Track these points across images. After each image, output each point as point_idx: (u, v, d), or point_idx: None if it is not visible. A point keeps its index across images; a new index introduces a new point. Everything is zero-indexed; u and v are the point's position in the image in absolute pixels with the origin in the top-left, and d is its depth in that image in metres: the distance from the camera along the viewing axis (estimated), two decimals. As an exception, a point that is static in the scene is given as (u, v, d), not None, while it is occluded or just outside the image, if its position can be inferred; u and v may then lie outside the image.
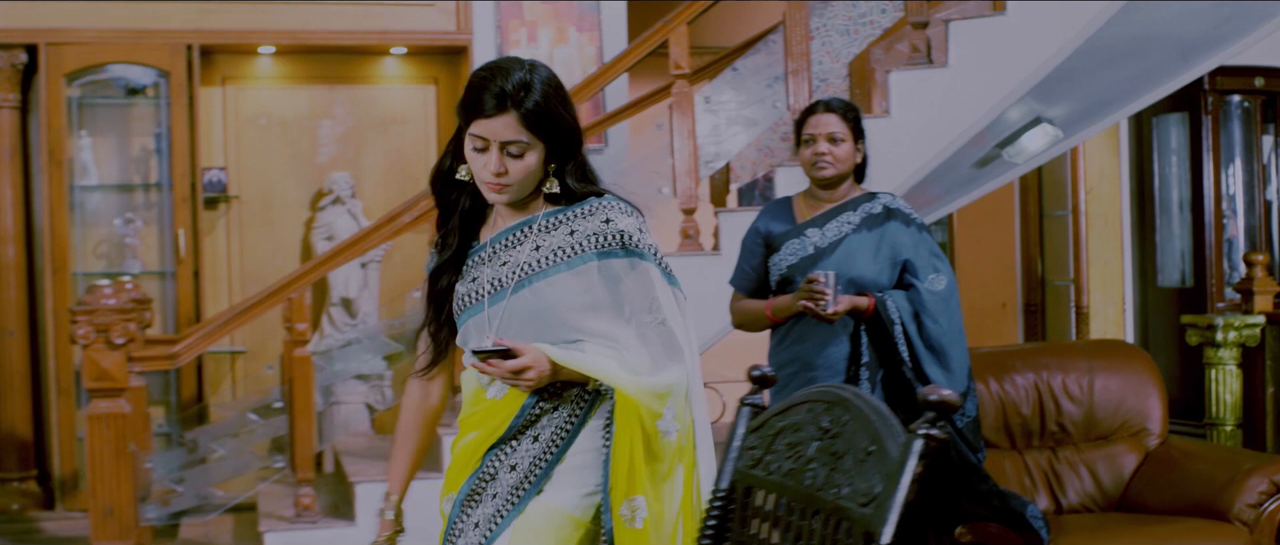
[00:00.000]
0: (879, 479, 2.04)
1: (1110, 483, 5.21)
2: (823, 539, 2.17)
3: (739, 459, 2.49)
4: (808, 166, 4.50)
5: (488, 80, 2.81)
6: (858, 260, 4.41)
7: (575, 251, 2.87)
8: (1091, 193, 8.89)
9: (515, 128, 2.78)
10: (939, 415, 2.00)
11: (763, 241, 4.60)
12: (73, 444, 7.46)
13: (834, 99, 4.56)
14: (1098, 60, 5.83)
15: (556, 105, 2.83)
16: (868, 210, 4.48)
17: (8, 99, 7.41)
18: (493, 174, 2.83)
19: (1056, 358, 5.39)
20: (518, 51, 7.79)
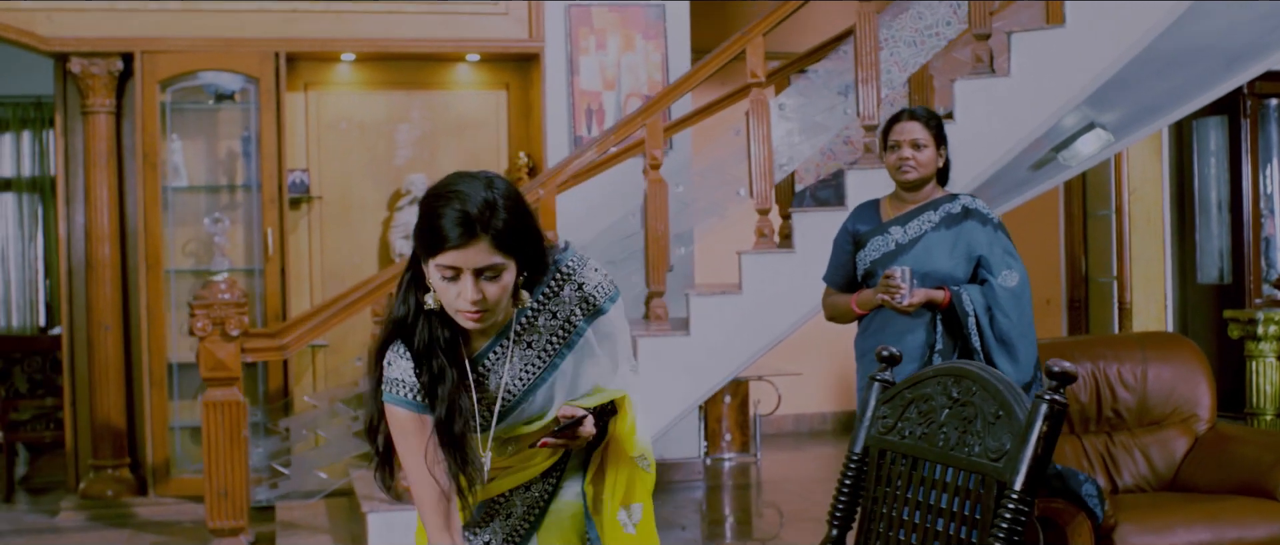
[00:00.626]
0: (1009, 438, 2.43)
1: (1163, 465, 5.55)
2: (957, 490, 2.56)
3: (872, 426, 2.86)
4: (892, 170, 4.81)
5: (447, 206, 2.62)
6: (936, 256, 4.71)
7: (566, 333, 2.83)
8: (1134, 193, 9.20)
9: (488, 252, 2.61)
10: (1061, 383, 2.38)
11: (851, 239, 4.91)
12: (164, 433, 7.84)
13: (918, 108, 4.88)
14: (1149, 69, 6.15)
15: (523, 218, 2.67)
16: (948, 210, 4.77)
17: (104, 104, 7.80)
18: (470, 303, 2.64)
19: (1112, 349, 5.73)
20: (587, 58, 8.16)
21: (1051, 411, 2.39)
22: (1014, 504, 2.38)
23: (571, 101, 8.20)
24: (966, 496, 2.56)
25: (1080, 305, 9.73)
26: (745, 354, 6.04)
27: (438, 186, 2.67)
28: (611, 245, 7.26)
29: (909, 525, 2.72)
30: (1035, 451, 2.39)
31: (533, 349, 2.81)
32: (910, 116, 4.81)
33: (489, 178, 2.67)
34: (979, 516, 2.50)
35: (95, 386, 7.84)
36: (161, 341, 7.81)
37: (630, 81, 8.24)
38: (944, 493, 2.63)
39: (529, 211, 2.71)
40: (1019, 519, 2.38)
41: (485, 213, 2.59)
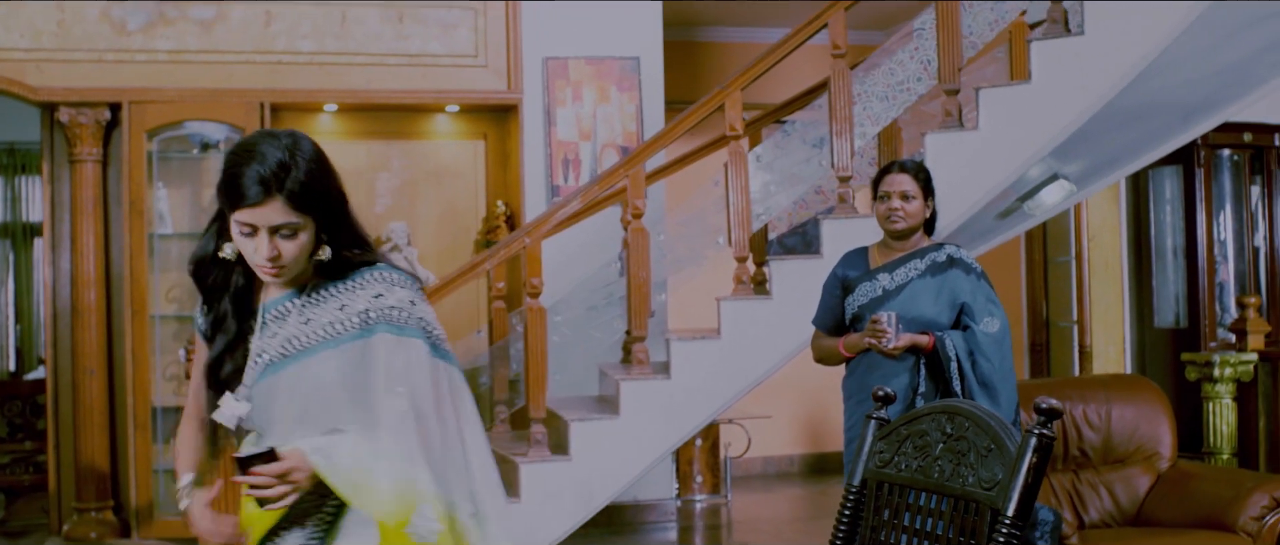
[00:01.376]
0: (1001, 469, 2.66)
1: (1127, 501, 5.79)
2: (952, 518, 2.79)
3: (869, 461, 3.08)
4: (882, 220, 5.03)
5: (245, 165, 2.67)
6: (921, 302, 4.92)
7: (343, 329, 2.79)
8: (1093, 240, 9.47)
9: (283, 211, 2.66)
10: (1048, 419, 2.61)
11: (840, 285, 5.13)
12: (148, 476, 7.95)
13: (908, 160, 5.15)
14: (1110, 123, 6.39)
15: (321, 179, 2.71)
16: (933, 259, 4.99)
17: (91, 153, 7.95)
18: (266, 259, 2.70)
19: (1078, 390, 5.97)
20: (563, 110, 8.38)
21: (1040, 444, 2.63)
22: (1006, 529, 2.62)
23: (548, 151, 8.40)
24: (961, 524, 2.78)
25: (1042, 349, 9.98)
26: (724, 397, 6.23)
27: (240, 143, 2.75)
28: (592, 292, 7.46)
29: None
30: (1025, 481, 2.62)
31: (309, 325, 2.80)
32: (901, 169, 5.05)
33: (294, 137, 2.72)
34: (973, 542, 2.72)
35: (79, 430, 7.95)
36: (146, 385, 7.93)
37: (606, 132, 8.46)
38: (939, 520, 2.85)
39: (330, 172, 2.74)
40: (1012, 541, 2.61)
41: (280, 172, 2.65)
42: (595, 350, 7.43)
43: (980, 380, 4.82)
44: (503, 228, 8.40)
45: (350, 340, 2.77)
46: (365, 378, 2.75)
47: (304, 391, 2.76)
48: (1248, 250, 9.70)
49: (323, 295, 2.82)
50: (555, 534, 6.21)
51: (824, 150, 6.88)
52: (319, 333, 2.78)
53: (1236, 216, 9.67)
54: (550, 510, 6.16)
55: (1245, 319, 7.39)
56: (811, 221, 6.76)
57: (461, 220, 8.71)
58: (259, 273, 2.76)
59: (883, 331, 4.78)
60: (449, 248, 8.67)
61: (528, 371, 6.31)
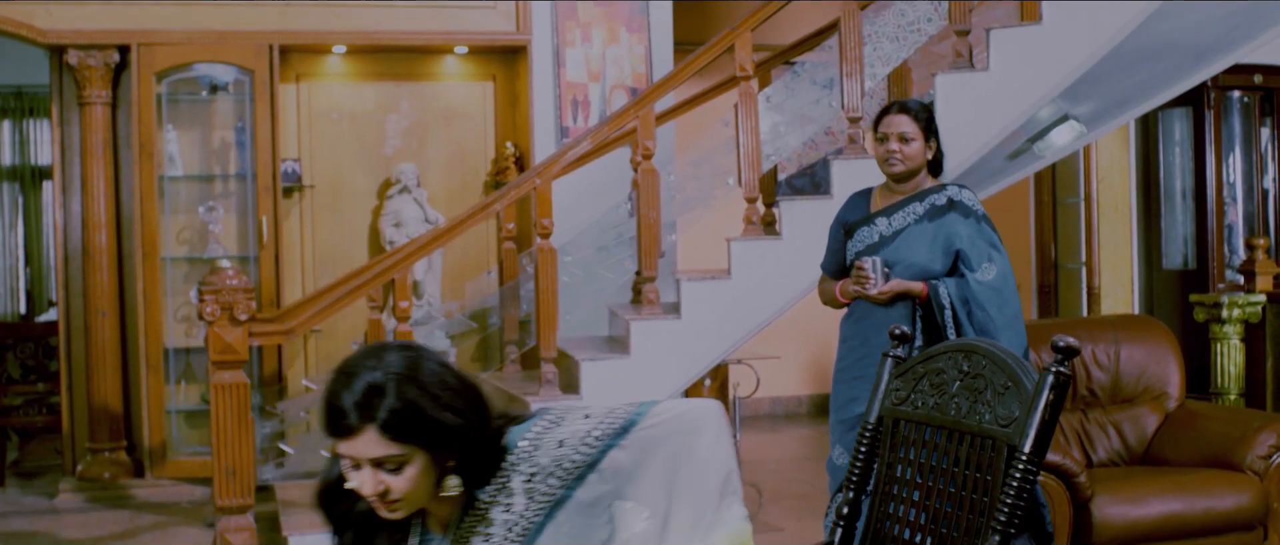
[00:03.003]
0: (1018, 406, 2.69)
1: (1135, 440, 5.82)
2: (969, 456, 2.82)
3: (886, 398, 3.11)
4: (881, 162, 4.89)
5: (337, 391, 2.33)
6: (914, 248, 4.77)
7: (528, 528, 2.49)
8: (1102, 182, 9.47)
9: (379, 443, 2.32)
10: (1065, 357, 2.63)
11: (842, 229, 5.01)
12: (161, 416, 8.00)
13: (910, 100, 4.95)
14: (1121, 64, 6.39)
15: (424, 402, 2.34)
16: (933, 202, 4.83)
17: (100, 95, 7.95)
18: (372, 494, 2.36)
19: (1086, 330, 5.99)
20: (572, 51, 8.36)
21: (1057, 382, 2.65)
22: (1023, 464, 2.65)
23: (557, 93, 8.40)
24: (978, 460, 2.81)
25: (1050, 290, 10.00)
26: (734, 337, 6.26)
27: (341, 363, 2.40)
28: (602, 233, 7.48)
29: (923, 487, 2.97)
30: (1042, 418, 2.65)
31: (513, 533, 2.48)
32: (900, 109, 4.87)
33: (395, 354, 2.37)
34: (990, 477, 2.75)
35: (92, 371, 7.99)
36: (158, 327, 7.97)
37: (615, 73, 8.45)
38: (956, 457, 2.88)
39: (442, 395, 2.36)
40: (1028, 478, 2.64)
41: (369, 398, 2.31)
42: (605, 290, 7.46)
43: (977, 330, 4.66)
44: (512, 169, 8.41)
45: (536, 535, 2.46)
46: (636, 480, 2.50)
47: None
48: (1257, 192, 9.72)
49: (482, 507, 2.49)
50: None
51: (834, 91, 6.88)
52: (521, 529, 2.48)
53: (1246, 158, 9.68)
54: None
55: (1254, 260, 7.41)
56: (821, 162, 6.76)
57: (471, 162, 8.71)
58: (378, 510, 2.42)
59: (866, 278, 4.72)
60: (458, 189, 8.68)
61: (538, 312, 6.34)
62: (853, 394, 4.86)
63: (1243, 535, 5.30)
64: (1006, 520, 2.66)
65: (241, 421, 5.99)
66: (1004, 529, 2.66)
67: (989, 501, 2.74)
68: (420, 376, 2.35)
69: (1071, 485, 4.99)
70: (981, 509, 2.76)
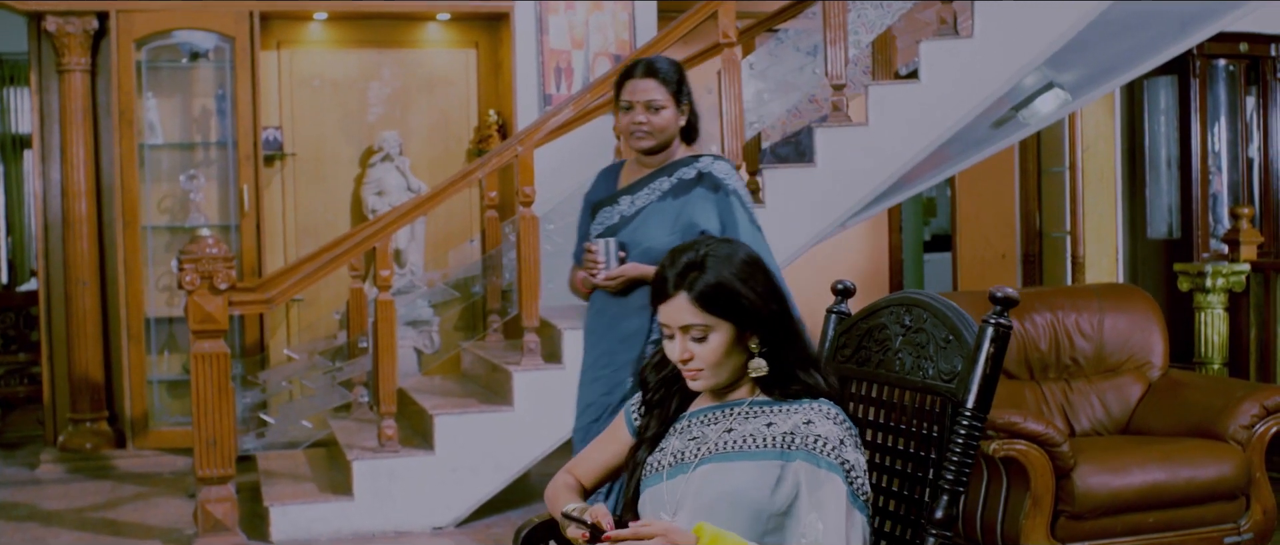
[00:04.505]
0: (960, 360, 2.67)
1: (1118, 410, 5.81)
2: (914, 411, 2.82)
3: (833, 357, 3.07)
4: (625, 135, 4.27)
5: (665, 266, 2.73)
6: (651, 228, 4.21)
7: (764, 445, 2.70)
8: (1087, 150, 9.45)
9: (691, 310, 2.67)
10: (1004, 308, 2.60)
11: (589, 209, 4.44)
12: (142, 386, 7.97)
13: (657, 58, 4.26)
14: (1107, 32, 6.36)
15: (735, 284, 2.67)
16: (681, 175, 4.25)
17: (79, 63, 7.89)
18: (679, 359, 2.73)
19: (1070, 299, 5.97)
20: (555, 18, 8.32)
21: (997, 334, 2.63)
22: (968, 420, 2.63)
23: (541, 60, 8.35)
24: (924, 416, 2.79)
25: (1034, 259, 9.99)
26: (717, 306, 6.23)
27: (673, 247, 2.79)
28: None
29: (874, 446, 2.94)
30: (984, 371, 2.64)
31: (732, 434, 2.75)
32: (646, 71, 4.20)
33: (718, 243, 2.74)
34: (936, 434, 2.73)
35: (73, 341, 7.96)
36: (139, 296, 7.93)
37: (598, 40, 8.41)
38: (903, 414, 2.86)
39: (754, 282, 2.69)
40: (974, 434, 2.62)
41: (687, 270, 2.68)
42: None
43: None
44: (495, 137, 8.37)
45: (768, 457, 2.68)
46: (783, 503, 2.67)
47: (710, 496, 2.68)
48: (1242, 161, 9.70)
49: (753, 410, 2.75)
50: (548, 442, 6.25)
51: (818, 58, 6.84)
52: (738, 442, 2.72)
53: (1231, 127, 9.65)
54: (543, 418, 6.19)
55: (1238, 230, 7.38)
56: (805, 130, 6.72)
57: (453, 129, 8.67)
58: (684, 376, 2.76)
59: (595, 262, 4.18)
60: (441, 157, 8.64)
61: (520, 280, 6.32)
62: (588, 399, 4.34)
63: (1225, 505, 5.29)
64: (955, 478, 2.64)
65: (222, 391, 5.96)
66: (952, 487, 2.64)
67: (938, 458, 2.71)
68: (734, 260, 2.69)
69: (1053, 454, 4.97)
70: (932, 466, 2.73)
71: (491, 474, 6.26)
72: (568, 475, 2.99)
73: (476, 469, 6.22)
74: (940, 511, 2.66)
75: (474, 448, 6.22)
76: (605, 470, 3.00)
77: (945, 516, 2.65)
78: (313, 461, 7.09)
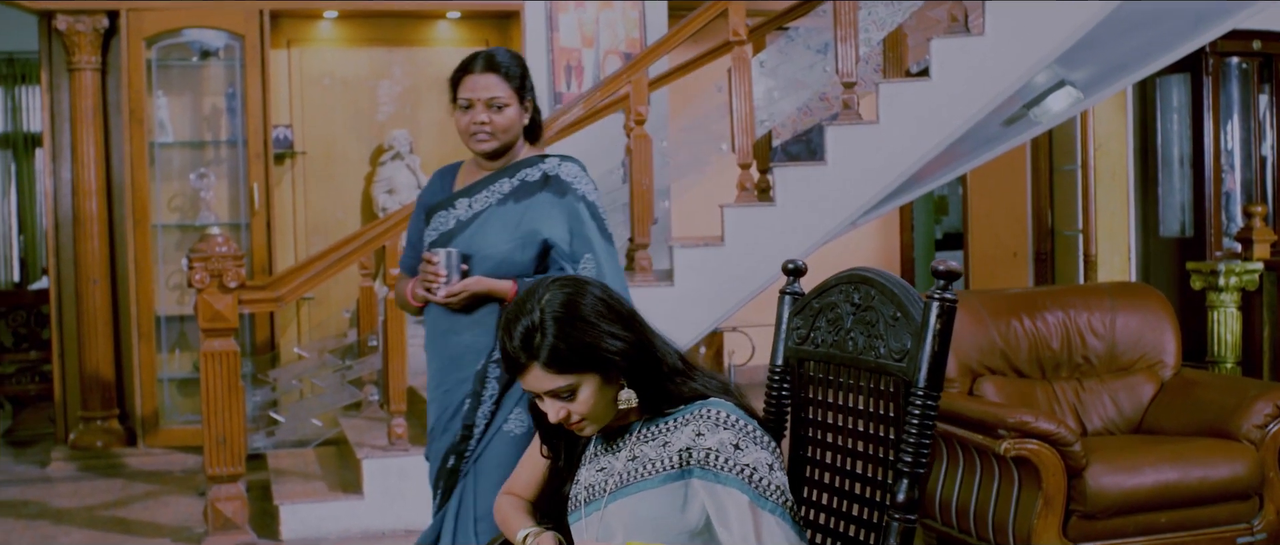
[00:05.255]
0: (909, 338, 2.63)
1: (1130, 409, 5.78)
2: (869, 392, 2.77)
3: (788, 339, 3.03)
4: (464, 136, 3.85)
5: (503, 338, 2.63)
6: (490, 236, 3.81)
7: (662, 468, 2.65)
8: (1099, 149, 9.41)
9: (547, 377, 2.60)
10: (947, 282, 2.57)
11: (423, 214, 3.99)
12: (153, 385, 7.98)
13: (498, 51, 3.87)
14: (1119, 29, 6.33)
15: (579, 336, 2.59)
16: (525, 177, 3.85)
17: (90, 61, 7.90)
18: (556, 421, 2.66)
19: (1082, 298, 5.94)
20: (565, 16, 8.30)
21: (943, 309, 2.57)
22: (921, 400, 2.57)
23: (551, 58, 8.34)
24: (879, 397, 2.73)
25: (1046, 258, 9.96)
26: (727, 304, 6.22)
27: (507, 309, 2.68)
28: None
29: (833, 428, 2.89)
30: (933, 349, 2.57)
31: (635, 461, 2.70)
32: (487, 66, 3.81)
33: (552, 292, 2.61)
34: (893, 415, 2.69)
35: (84, 339, 7.96)
36: (149, 295, 7.94)
37: (609, 38, 8.39)
38: (859, 396, 2.80)
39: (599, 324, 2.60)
40: (928, 413, 2.56)
41: (528, 340, 2.59)
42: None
43: None
44: (505, 136, 8.35)
45: (668, 481, 2.64)
46: (695, 522, 2.63)
47: (628, 529, 2.65)
48: (1255, 159, 9.66)
49: (650, 432, 2.70)
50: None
51: (828, 56, 6.83)
52: (640, 471, 2.67)
53: (1244, 125, 9.61)
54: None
55: (1251, 228, 7.35)
56: (816, 128, 6.72)
57: (464, 128, 8.66)
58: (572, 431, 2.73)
59: (434, 275, 3.72)
60: (451, 156, 8.59)
61: (531, 279, 6.30)
62: (429, 422, 3.97)
63: (1238, 504, 5.26)
64: (913, 461, 2.59)
65: (232, 390, 5.96)
66: (912, 470, 2.60)
67: (896, 439, 2.68)
68: (574, 310, 2.60)
69: (1065, 454, 4.94)
70: (891, 446, 2.69)
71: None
72: (508, 496, 2.98)
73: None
74: (902, 495, 2.60)
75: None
76: (540, 483, 2.97)
77: (907, 500, 2.60)
78: (323, 460, 7.09)
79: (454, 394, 3.84)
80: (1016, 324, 5.77)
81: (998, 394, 5.59)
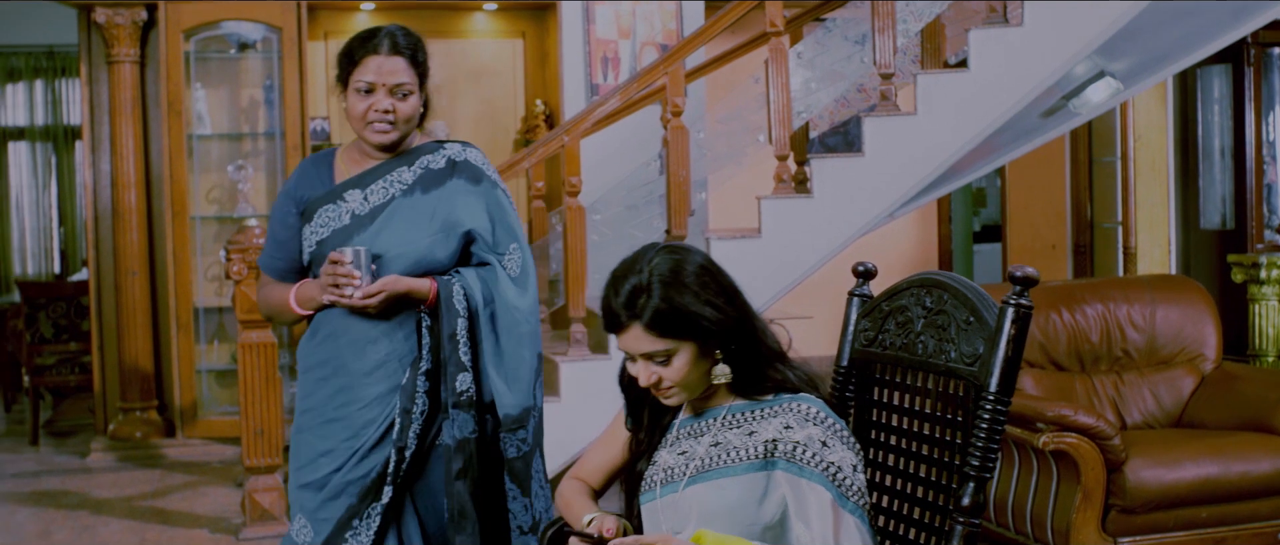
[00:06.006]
0: (981, 342, 2.62)
1: (1171, 402, 5.74)
2: (939, 395, 2.76)
3: (855, 340, 3.03)
4: (359, 123, 3.43)
5: (609, 294, 2.63)
6: (401, 231, 3.43)
7: (745, 456, 2.63)
8: (1139, 140, 9.34)
9: (646, 339, 2.60)
10: (1024, 287, 2.56)
11: (296, 209, 3.54)
12: (191, 376, 8.02)
13: (398, 30, 3.50)
14: (1159, 19, 6.27)
15: (683, 300, 2.58)
16: (427, 165, 3.51)
17: (129, 54, 7.94)
18: (648, 386, 2.67)
19: (1121, 291, 5.91)
20: (602, 8, 8.29)
21: (1017, 315, 2.57)
22: (991, 404, 2.57)
23: (587, 50, 8.33)
24: (948, 400, 2.73)
25: (1085, 250, 9.90)
26: (764, 296, 6.20)
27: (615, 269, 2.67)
28: (631, 191, 7.42)
29: (898, 430, 2.90)
30: (1006, 354, 2.57)
31: (718, 448, 2.69)
32: (393, 49, 3.43)
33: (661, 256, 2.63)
34: (961, 418, 2.68)
35: (123, 331, 8.01)
36: (188, 286, 7.98)
37: (645, 30, 8.38)
38: (927, 399, 2.80)
39: (702, 293, 2.60)
40: (998, 418, 2.57)
41: (634, 299, 2.59)
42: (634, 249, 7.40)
43: (502, 344, 3.48)
44: (542, 126, 8.36)
45: (751, 470, 2.62)
46: (772, 515, 2.61)
47: (702, 514, 2.63)
48: (1297, 151, 9.58)
49: (736, 419, 2.69)
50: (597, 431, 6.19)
51: (866, 47, 6.79)
52: (723, 457, 2.66)
53: (1286, 116, 9.53)
54: (590, 408, 6.15)
55: (1293, 219, 7.30)
56: (853, 120, 6.69)
57: (500, 119, 8.67)
58: (658, 398, 2.71)
59: (348, 276, 3.31)
60: (487, 147, 8.59)
61: (567, 270, 6.29)
62: (326, 446, 3.45)
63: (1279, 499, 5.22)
64: (980, 465, 2.59)
65: (269, 381, 5.98)
66: (978, 474, 2.59)
67: (962, 443, 2.67)
68: (681, 276, 2.60)
69: (1105, 448, 4.91)
70: (957, 450, 2.69)
71: (538, 465, 6.23)
72: (574, 480, 2.98)
73: (523, 459, 6.20)
74: (967, 498, 2.61)
75: (520, 438, 6.19)
76: (610, 471, 2.98)
77: (972, 503, 2.60)
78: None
79: (369, 415, 3.41)
80: (1055, 317, 5.74)
81: (1036, 387, 5.56)
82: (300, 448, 3.50)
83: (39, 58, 12.38)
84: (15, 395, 10.00)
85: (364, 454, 3.40)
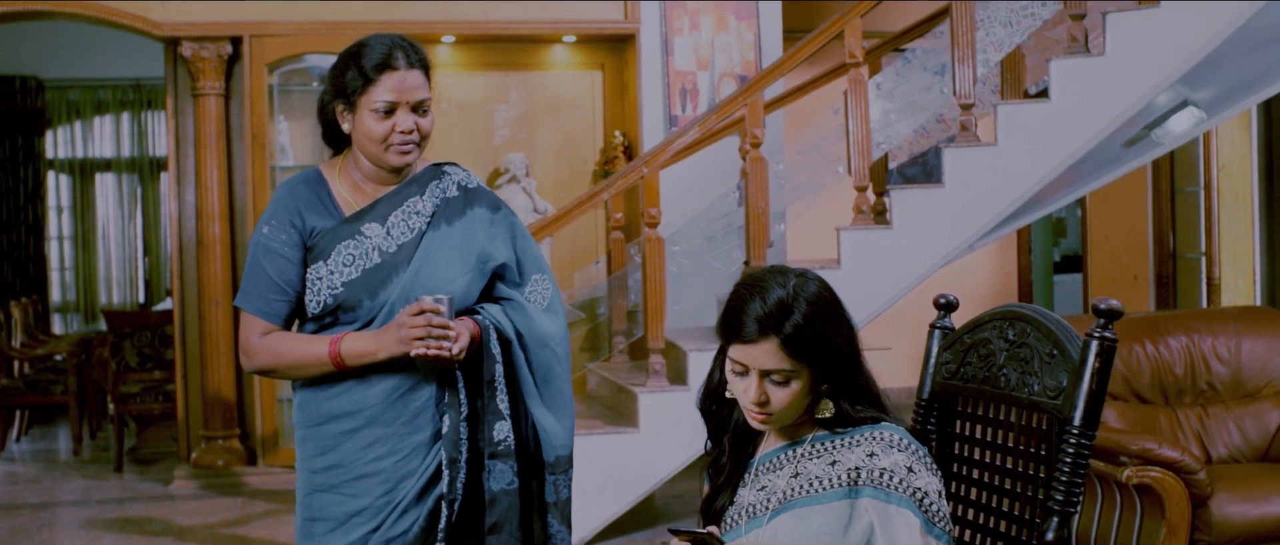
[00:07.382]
0: (1065, 376, 2.60)
1: (1257, 436, 5.65)
2: (1021, 429, 2.74)
3: (936, 372, 3.01)
4: (377, 146, 3.10)
5: (747, 299, 2.55)
6: (443, 269, 3.14)
7: (829, 486, 2.58)
8: (1223, 169, 9.24)
9: (776, 355, 2.53)
10: (1108, 320, 2.53)
11: (298, 241, 3.14)
12: (273, 405, 8.10)
13: (404, 42, 3.16)
14: (1243, 47, 6.22)
15: (823, 326, 2.54)
16: (440, 193, 3.20)
17: (214, 87, 8.06)
18: (753, 403, 2.59)
19: (1205, 322, 5.83)
20: (681, 39, 8.32)
21: (1102, 348, 2.55)
22: (1075, 438, 2.55)
23: (666, 81, 8.37)
24: (1031, 434, 2.71)
25: (1168, 281, 9.79)
26: (843, 328, 6.18)
27: (748, 274, 2.63)
28: (710, 222, 7.44)
29: (980, 464, 2.87)
30: (1090, 387, 2.55)
31: (798, 479, 2.64)
32: (410, 63, 3.11)
33: (803, 277, 2.57)
34: (1044, 452, 2.66)
35: (206, 360, 8.11)
36: (270, 316, 8.04)
37: (724, 61, 8.40)
38: (1010, 432, 2.78)
39: (838, 323, 2.57)
40: (1082, 452, 2.54)
41: (778, 313, 2.51)
42: (713, 280, 7.42)
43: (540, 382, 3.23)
44: (620, 158, 8.39)
45: (835, 498, 2.57)
46: (846, 541, 2.55)
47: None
48: (1386, 179, 9.43)
49: (818, 450, 2.64)
50: (675, 462, 6.23)
51: (945, 78, 6.77)
52: (806, 487, 2.61)
53: (1374, 145, 9.39)
54: (670, 439, 6.17)
55: (1382, 250, 7.18)
56: (932, 150, 6.67)
57: (579, 151, 8.71)
58: (747, 416, 2.64)
59: (444, 328, 3.01)
60: (567, 179, 8.69)
61: (646, 302, 6.31)
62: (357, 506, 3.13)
63: (1369, 535, 5.14)
64: (1064, 499, 2.57)
65: (350, 410, 6.02)
66: (1063, 508, 2.57)
67: (1045, 477, 2.65)
68: (822, 301, 2.56)
69: (1189, 482, 4.85)
70: (1040, 484, 2.66)
71: (616, 496, 6.25)
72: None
73: (601, 490, 6.22)
74: (1052, 533, 2.59)
75: (599, 469, 6.21)
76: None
77: (1057, 538, 2.58)
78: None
79: (408, 467, 3.13)
80: (1138, 349, 5.68)
81: (1119, 420, 5.50)
82: (323, 509, 3.16)
83: (126, 91, 12.61)
84: (100, 422, 10.13)
85: (403, 509, 3.13)
